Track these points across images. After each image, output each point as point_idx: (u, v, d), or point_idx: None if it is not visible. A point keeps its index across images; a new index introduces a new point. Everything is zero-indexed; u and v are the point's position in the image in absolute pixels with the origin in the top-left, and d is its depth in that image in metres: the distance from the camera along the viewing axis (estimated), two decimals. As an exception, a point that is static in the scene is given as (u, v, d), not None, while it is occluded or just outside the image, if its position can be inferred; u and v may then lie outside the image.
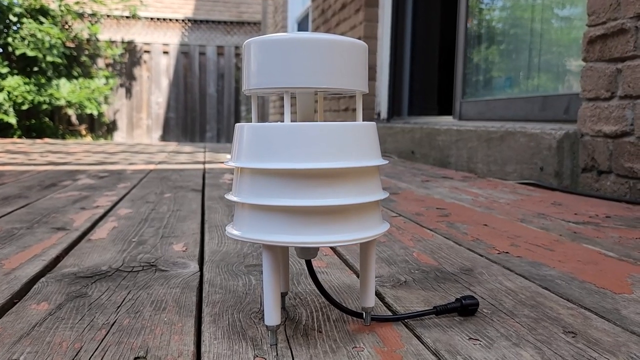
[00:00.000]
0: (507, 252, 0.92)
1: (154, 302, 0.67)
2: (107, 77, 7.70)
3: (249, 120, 9.38)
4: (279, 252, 0.54)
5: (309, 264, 0.58)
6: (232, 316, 0.62)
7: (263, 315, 0.62)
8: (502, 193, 1.65)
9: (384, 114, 3.86)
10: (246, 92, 0.57)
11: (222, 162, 2.80)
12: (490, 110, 2.54)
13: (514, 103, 2.34)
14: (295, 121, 0.56)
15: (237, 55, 9.19)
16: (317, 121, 0.60)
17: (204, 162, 2.81)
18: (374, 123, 0.56)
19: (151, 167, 2.55)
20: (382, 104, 3.89)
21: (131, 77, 8.57)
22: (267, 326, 0.54)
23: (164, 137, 9.02)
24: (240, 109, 9.52)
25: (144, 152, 3.65)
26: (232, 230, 0.57)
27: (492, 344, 0.55)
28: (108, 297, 0.69)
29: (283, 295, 0.65)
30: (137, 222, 1.18)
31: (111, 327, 0.59)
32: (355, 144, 0.53)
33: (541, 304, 0.67)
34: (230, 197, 0.57)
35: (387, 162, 0.56)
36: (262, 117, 9.10)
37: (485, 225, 1.15)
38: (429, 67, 3.80)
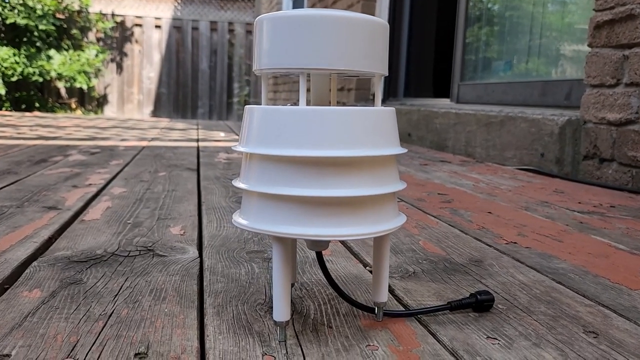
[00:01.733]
0: (515, 243, 0.90)
1: (153, 291, 0.64)
2: (98, 52, 7.56)
3: (242, 97, 9.29)
4: (290, 244, 0.51)
5: (319, 255, 0.55)
6: (237, 308, 0.59)
7: (269, 307, 0.59)
8: (503, 179, 1.62)
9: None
10: (257, 72, 0.53)
11: (216, 140, 2.75)
12: (488, 94, 2.51)
13: (513, 87, 2.31)
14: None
15: (231, 31, 9.06)
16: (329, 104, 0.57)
17: (197, 140, 2.76)
18: (393, 109, 0.53)
19: (144, 143, 2.50)
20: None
21: (122, 51, 8.43)
22: (275, 322, 0.51)
23: (156, 113, 8.92)
24: (233, 85, 9.41)
25: (136, 128, 3.59)
26: (239, 219, 0.54)
27: (511, 344, 0.52)
28: (104, 284, 0.66)
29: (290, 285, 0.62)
30: (131, 203, 1.14)
31: (109, 318, 0.56)
32: (374, 130, 0.50)
33: (557, 300, 0.64)
34: (238, 183, 0.54)
35: (405, 150, 0.53)
36: (256, 95, 9.01)
37: (490, 213, 1.13)
38: (426, 49, 3.75)
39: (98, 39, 7.96)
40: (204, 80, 9.62)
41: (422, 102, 3.10)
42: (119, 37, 8.28)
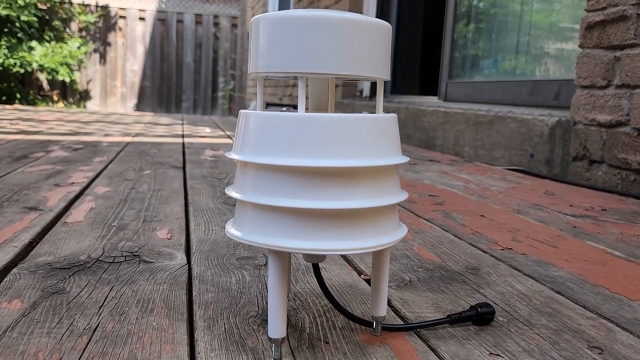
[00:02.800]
0: (510, 249, 0.88)
1: (140, 302, 0.61)
2: (80, 44, 7.45)
3: (228, 92, 9.22)
4: (287, 257, 0.48)
5: (316, 268, 0.53)
6: (228, 321, 0.56)
7: (262, 320, 0.57)
8: (492, 180, 1.61)
9: (366, 92, 3.80)
10: (252, 75, 0.50)
11: (202, 136, 2.71)
12: (477, 92, 2.50)
13: (502, 86, 2.30)
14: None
15: (216, 24, 8.98)
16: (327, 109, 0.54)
17: (182, 136, 2.72)
18: (395, 115, 0.51)
19: (128, 139, 2.45)
20: (365, 81, 3.82)
21: (105, 43, 8.31)
22: (270, 339, 0.49)
23: (139, 107, 8.82)
24: (217, 80, 9.34)
25: (120, 123, 3.54)
26: (232, 230, 0.51)
27: (515, 361, 0.50)
28: (88, 294, 0.62)
29: (283, 298, 0.59)
30: (116, 203, 1.10)
31: (93, 332, 0.53)
32: (377, 138, 0.47)
33: (558, 312, 0.62)
34: (231, 192, 0.51)
35: (408, 159, 0.50)
36: (241, 89, 8.94)
37: (482, 216, 1.11)
38: (413, 46, 3.74)
39: (80, 29, 7.83)
40: (188, 74, 9.53)
41: (410, 100, 3.08)
42: (102, 28, 8.16)
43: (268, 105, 4.03)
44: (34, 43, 6.86)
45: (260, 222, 0.48)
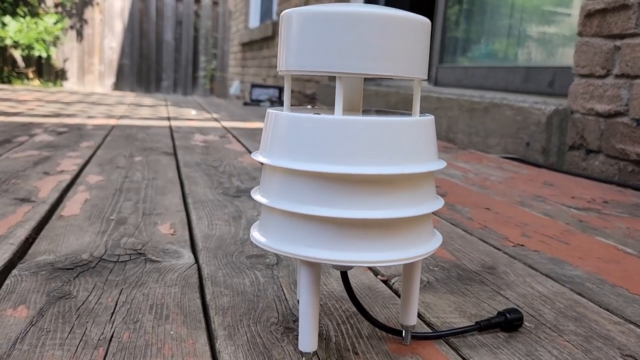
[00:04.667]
0: (522, 245, 0.87)
1: (153, 307, 0.58)
2: (57, 20, 7.25)
3: (210, 71, 9.08)
4: (319, 267, 0.46)
5: (344, 276, 0.50)
6: (249, 329, 0.54)
7: (285, 328, 0.54)
8: (490, 169, 1.60)
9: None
10: (281, 72, 0.47)
11: (188, 119, 2.66)
12: (468, 77, 2.48)
13: (494, 72, 2.29)
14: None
15: (197, 1, 8.81)
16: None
17: (168, 118, 2.66)
18: (432, 117, 0.48)
19: (113, 122, 2.39)
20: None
21: (82, 19, 8.11)
22: (301, 352, 0.46)
23: (118, 85, 8.66)
24: (199, 59, 9.20)
25: (102, 104, 3.45)
26: (257, 236, 0.48)
27: (551, 373, 0.49)
28: (97, 298, 0.59)
29: (305, 304, 0.57)
30: (111, 194, 1.06)
31: (109, 343, 0.50)
32: (417, 143, 0.45)
33: (584, 317, 0.61)
34: (258, 197, 0.48)
35: (445, 164, 0.48)
36: (223, 69, 8.82)
37: (488, 209, 1.10)
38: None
39: (56, 5, 7.61)
40: (168, 52, 9.36)
41: (400, 84, 3.05)
42: (79, 4, 7.95)
43: (253, 87, 3.97)
44: (7, 18, 6.66)
45: (289, 229, 0.45)
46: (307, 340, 0.46)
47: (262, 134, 0.49)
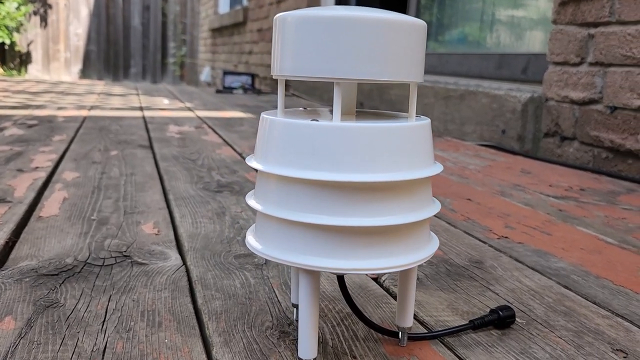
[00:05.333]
0: (506, 237, 0.88)
1: (144, 314, 0.57)
2: (19, 4, 7.04)
3: (179, 58, 8.95)
4: (318, 275, 0.45)
5: (341, 280, 0.50)
6: (245, 334, 0.53)
7: (280, 332, 0.54)
8: (467, 157, 1.61)
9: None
10: (276, 76, 0.46)
11: (161, 109, 2.61)
12: (442, 64, 2.49)
13: (468, 59, 2.30)
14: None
15: (165, -14, 8.64)
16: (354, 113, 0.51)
17: (141, 108, 2.61)
18: (429, 120, 0.48)
19: (84, 113, 2.33)
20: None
21: (46, 4, 7.88)
22: (301, 359, 0.46)
23: (85, 72, 8.47)
24: (167, 45, 9.05)
25: (71, 93, 3.37)
26: (254, 243, 0.48)
27: (547, 371, 0.49)
28: (86, 305, 0.58)
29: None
30: (89, 192, 1.04)
31: (103, 355, 0.49)
32: (415, 148, 0.44)
33: (573, 311, 0.62)
34: (253, 203, 0.47)
35: (442, 168, 0.48)
36: (192, 55, 8.69)
37: (469, 200, 1.11)
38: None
39: (19, -11, 7.38)
40: (136, 38, 9.18)
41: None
42: (43, -12, 7.72)
43: (225, 74, 3.92)
44: (-32, 4, 6.43)
45: (289, 237, 0.45)
46: (308, 348, 0.46)
47: (257, 138, 0.48)
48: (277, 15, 0.46)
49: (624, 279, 0.72)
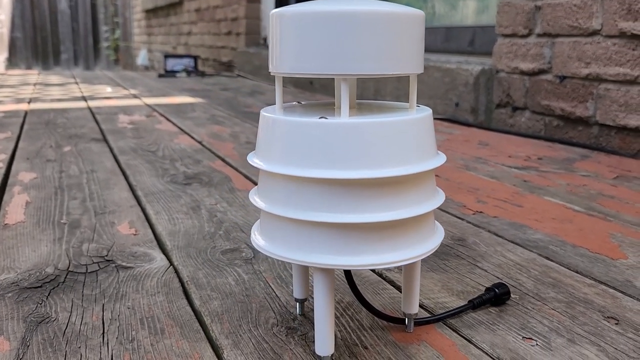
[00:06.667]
0: (481, 212, 0.90)
1: (143, 321, 0.55)
2: None
3: (114, 42, 8.62)
4: (333, 272, 0.45)
5: (348, 274, 0.50)
6: (252, 334, 0.53)
7: (286, 328, 0.54)
8: (425, 132, 1.63)
9: (271, 39, 3.69)
10: (274, 73, 0.45)
11: (106, 98, 2.52)
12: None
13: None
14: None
15: (92, -34, 8.29)
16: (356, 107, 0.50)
17: (84, 98, 2.51)
18: (431, 111, 0.48)
19: (24, 106, 2.22)
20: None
21: (-37, -10, 7.42)
22: (320, 356, 0.46)
23: (12, 61, 8.07)
24: (99, 28, 8.70)
25: (5, 85, 3.20)
26: (261, 242, 0.47)
27: (549, 344, 0.51)
28: (80, 317, 0.56)
29: (302, 302, 0.56)
30: (52, 193, 1.00)
31: (112, 369, 0.47)
32: (421, 141, 0.45)
33: (560, 282, 0.65)
34: (258, 203, 0.46)
35: (445, 158, 0.48)
36: (126, 38, 8.39)
37: (437, 176, 1.13)
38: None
39: None
40: (64, 22, 8.79)
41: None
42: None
43: (167, 57, 3.81)
44: None
45: (302, 237, 0.44)
46: (325, 345, 0.46)
47: (258, 137, 0.47)
48: (272, 10, 0.45)
49: (598, 246, 0.76)
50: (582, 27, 1.42)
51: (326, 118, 0.42)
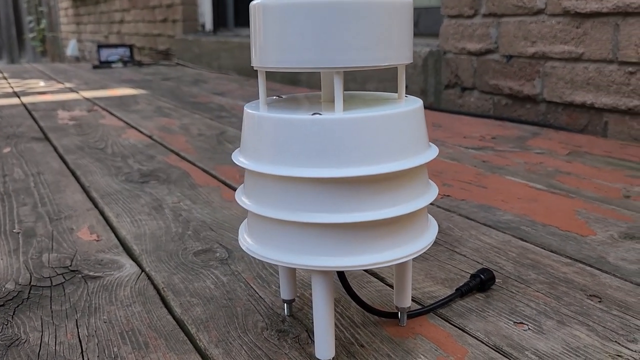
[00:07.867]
0: (448, 195, 0.91)
1: (124, 335, 0.52)
2: None
3: (40, 33, 8.20)
4: (332, 274, 0.44)
5: (341, 275, 0.49)
6: (243, 341, 0.51)
7: (277, 331, 0.52)
8: (378, 116, 1.63)
9: (208, 25, 3.60)
10: (257, 67, 0.43)
11: (40, 93, 2.39)
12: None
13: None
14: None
15: (10, -47, 7.84)
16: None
17: (16, 94, 2.37)
18: (421, 102, 0.47)
19: (-50, 106, 2.08)
20: (206, 14, 3.61)
21: None
22: (320, 361, 0.45)
23: None
24: (22, 19, 8.26)
25: None
26: (251, 244, 0.45)
27: (540, 327, 0.52)
28: (53, 337, 0.52)
29: (290, 302, 0.55)
30: (-2, 200, 0.93)
31: (98, 392, 0.44)
32: (414, 134, 0.43)
33: (538, 263, 0.65)
34: (247, 204, 0.44)
35: (438, 150, 0.47)
36: (52, 28, 8.00)
37: (399, 161, 1.13)
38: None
39: None
40: (-17, 13, 8.31)
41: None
42: None
43: (100, 47, 3.65)
44: None
45: (298, 239, 0.42)
46: (325, 349, 0.44)
47: (243, 135, 0.45)
48: (254, 1, 0.42)
49: (567, 224, 0.78)
50: (526, 7, 1.45)
51: (320, 114, 0.40)
